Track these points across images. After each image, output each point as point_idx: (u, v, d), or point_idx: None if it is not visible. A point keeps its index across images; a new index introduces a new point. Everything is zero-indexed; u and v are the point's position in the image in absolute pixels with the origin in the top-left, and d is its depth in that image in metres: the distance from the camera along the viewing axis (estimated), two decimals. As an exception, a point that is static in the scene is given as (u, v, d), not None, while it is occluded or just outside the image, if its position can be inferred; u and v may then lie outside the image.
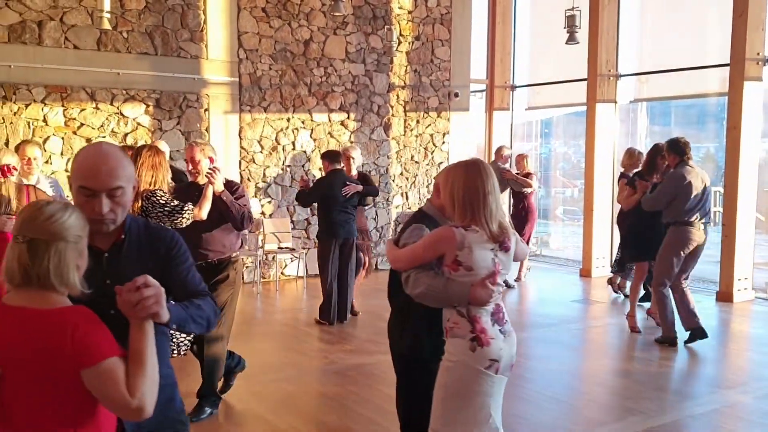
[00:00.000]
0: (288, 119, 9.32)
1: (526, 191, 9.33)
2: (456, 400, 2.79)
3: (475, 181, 2.80)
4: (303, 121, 9.44)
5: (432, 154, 10.64)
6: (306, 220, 9.53)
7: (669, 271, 6.17)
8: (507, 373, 2.87)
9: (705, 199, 6.14)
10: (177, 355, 4.41)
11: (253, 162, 9.12)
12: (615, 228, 8.61)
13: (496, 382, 2.81)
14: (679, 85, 9.68)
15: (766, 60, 7.99)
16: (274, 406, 4.78)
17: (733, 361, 6.20)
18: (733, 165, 8.02)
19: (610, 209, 9.73)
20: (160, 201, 4.10)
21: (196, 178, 4.60)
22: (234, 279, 4.61)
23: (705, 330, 6.23)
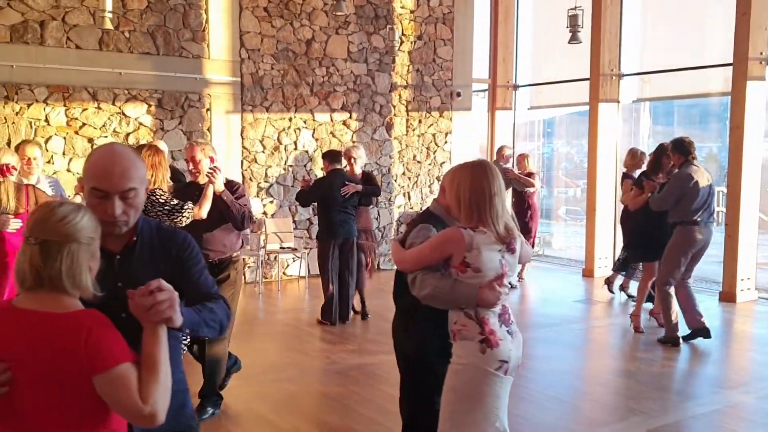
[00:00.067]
0: (290, 119, 9.31)
1: (528, 191, 9.33)
2: (466, 402, 2.77)
3: (482, 182, 2.79)
4: (305, 121, 9.43)
5: (434, 153, 10.63)
6: (308, 220, 9.52)
7: (675, 271, 6.17)
8: (513, 374, 2.86)
9: (710, 199, 6.13)
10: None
11: (255, 162, 9.12)
12: (618, 228, 8.59)
13: (504, 383, 2.80)
14: (682, 85, 9.65)
15: (769, 59, 7.98)
16: (275, 406, 4.78)
17: (736, 362, 6.18)
18: (736, 165, 7.99)
19: (612, 209, 9.71)
20: (159, 200, 4.10)
21: (196, 177, 4.59)
22: (235, 279, 4.62)
23: (709, 330, 6.23)
